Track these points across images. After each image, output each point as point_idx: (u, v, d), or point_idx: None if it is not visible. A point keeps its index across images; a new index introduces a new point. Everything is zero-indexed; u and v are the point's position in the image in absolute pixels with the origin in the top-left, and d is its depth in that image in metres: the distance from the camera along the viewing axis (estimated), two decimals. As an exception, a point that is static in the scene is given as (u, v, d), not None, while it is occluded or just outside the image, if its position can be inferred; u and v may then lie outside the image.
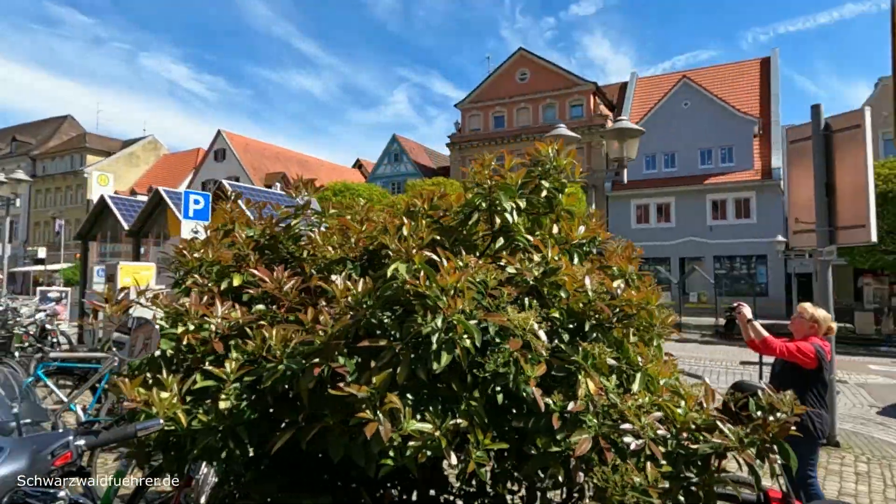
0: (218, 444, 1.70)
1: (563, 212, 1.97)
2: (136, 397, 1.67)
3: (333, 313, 1.61)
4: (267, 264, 2.20)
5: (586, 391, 1.56)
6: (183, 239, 2.57)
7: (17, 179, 16.18)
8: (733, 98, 34.80)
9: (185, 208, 8.47)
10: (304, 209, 2.38)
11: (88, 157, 51.08)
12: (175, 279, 2.46)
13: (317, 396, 1.60)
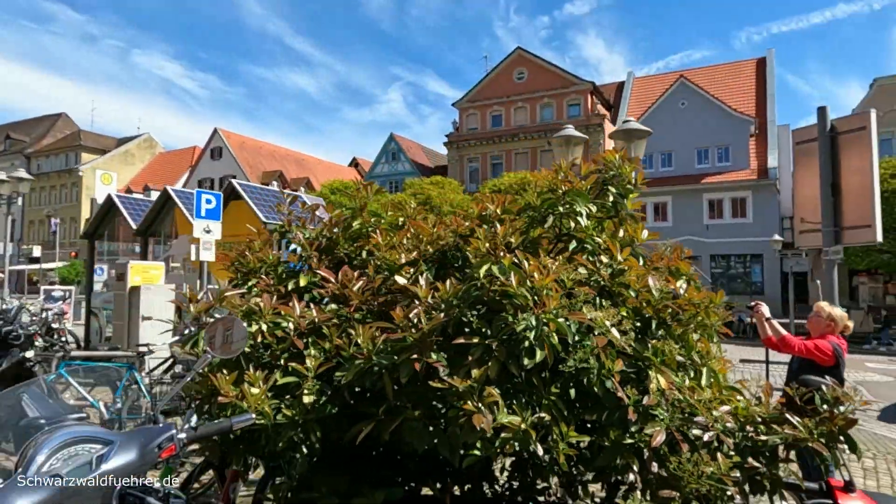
0: (300, 437, 1.78)
1: (626, 215, 2.06)
2: (228, 392, 1.74)
3: (416, 313, 1.69)
4: (326, 265, 2.28)
5: (658, 386, 1.65)
6: (251, 239, 2.63)
7: (18, 178, 16.16)
8: (729, 98, 35.05)
9: (198, 207, 8.52)
10: (362, 211, 2.45)
11: (83, 156, 50.81)
12: (235, 279, 2.53)
13: (401, 390, 1.68)
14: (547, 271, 1.62)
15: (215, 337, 1.71)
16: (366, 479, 2.18)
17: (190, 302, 2.16)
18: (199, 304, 2.04)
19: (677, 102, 34.34)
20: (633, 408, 1.64)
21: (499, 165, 38.89)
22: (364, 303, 2.03)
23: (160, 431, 1.58)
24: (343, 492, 2.11)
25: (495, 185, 30.82)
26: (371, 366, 1.69)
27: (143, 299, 9.24)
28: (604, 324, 1.64)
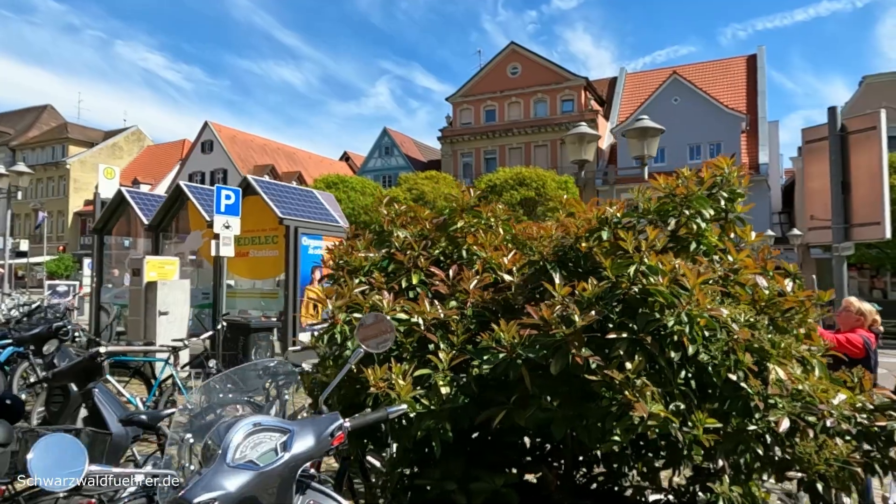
0: (437, 425, 1.90)
1: (735, 218, 2.19)
2: (380, 384, 1.85)
3: (558, 310, 1.81)
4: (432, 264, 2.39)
5: (777, 377, 1.79)
6: (347, 238, 2.72)
7: (17, 171, 15.98)
8: (721, 94, 35.47)
9: (217, 203, 8.54)
10: (463, 212, 2.55)
11: (70, 148, 50.10)
12: (336, 276, 2.62)
13: (540, 381, 1.80)
14: (697, 272, 1.75)
15: (367, 333, 1.81)
16: (477, 465, 2.30)
17: (327, 298, 2.25)
18: (338, 302, 2.13)
19: (670, 99, 34.70)
20: (758, 397, 1.77)
21: (492, 160, 39.01)
22: (481, 300, 2.15)
23: (330, 420, 1.68)
24: (458, 476, 2.23)
25: (490, 181, 30.96)
26: (513, 358, 1.80)
27: (160, 294, 9.25)
28: (740, 319, 1.78)
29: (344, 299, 2.11)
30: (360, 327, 1.81)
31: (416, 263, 2.35)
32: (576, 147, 9.63)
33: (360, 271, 2.48)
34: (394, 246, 2.50)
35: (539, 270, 2.14)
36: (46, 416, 4.69)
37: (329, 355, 2.18)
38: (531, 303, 1.98)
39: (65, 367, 3.65)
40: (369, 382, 1.86)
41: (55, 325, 4.65)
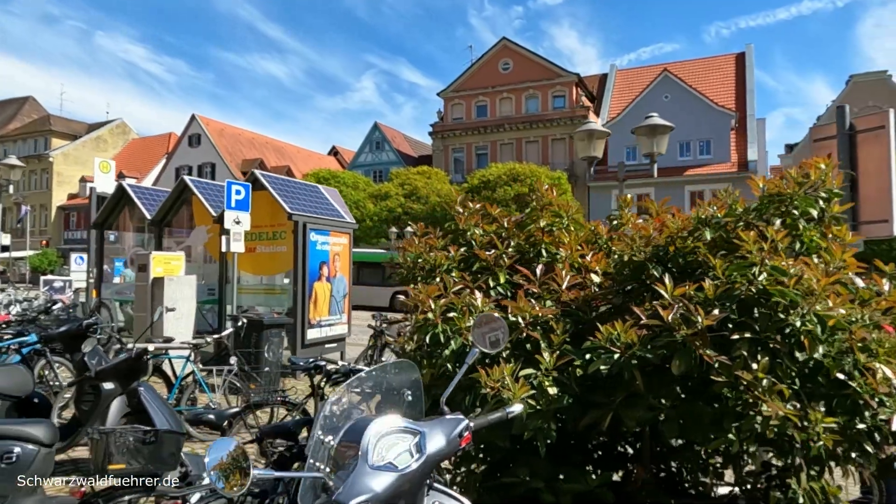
0: (543, 425, 1.90)
1: (831, 218, 2.21)
2: (494, 385, 1.84)
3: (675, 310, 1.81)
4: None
5: (884, 375, 1.81)
6: (414, 237, 2.70)
7: (10, 165, 15.66)
8: (710, 92, 35.82)
9: (228, 198, 8.44)
10: (542, 210, 2.55)
11: (53, 141, 49.16)
12: (410, 275, 2.60)
13: (652, 381, 1.81)
14: (825, 273, 1.77)
15: (482, 333, 1.79)
16: (563, 464, 2.30)
17: (429, 298, 2.23)
18: (441, 302, 2.11)
19: (661, 96, 34.96)
20: (868, 395, 1.80)
21: (483, 156, 39.03)
22: (572, 299, 2.15)
23: (457, 421, 1.67)
24: (545, 476, 2.23)
25: (483, 176, 31.00)
26: (627, 358, 1.81)
27: (167, 291, 9.12)
28: (857, 319, 1.80)
29: (445, 299, 2.09)
30: (475, 327, 1.80)
31: (499, 262, 2.34)
32: (585, 144, 9.66)
33: (439, 269, 2.46)
34: (474, 244, 2.49)
35: (634, 270, 2.14)
36: (76, 414, 4.61)
37: (423, 355, 2.16)
38: (630, 302, 1.98)
39: (109, 365, 3.58)
40: (481, 383, 1.86)
41: (86, 322, 4.56)
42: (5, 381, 4.11)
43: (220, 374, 5.89)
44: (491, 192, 30.04)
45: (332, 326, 10.00)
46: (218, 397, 5.98)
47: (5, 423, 3.42)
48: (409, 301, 2.19)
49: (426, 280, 2.50)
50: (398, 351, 2.71)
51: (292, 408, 4.41)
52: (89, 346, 3.95)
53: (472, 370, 2.02)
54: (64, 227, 48.89)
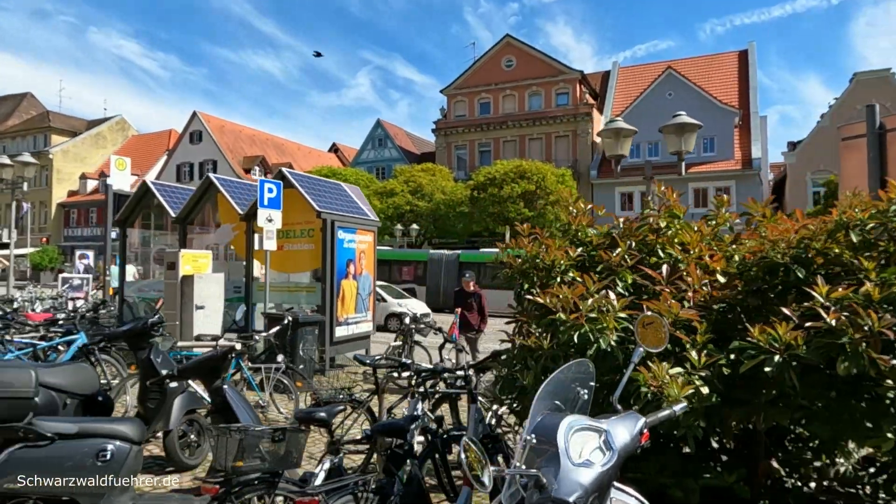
0: (695, 422, 1.94)
1: None
2: (655, 383, 1.89)
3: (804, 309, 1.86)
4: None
5: None
6: (519, 238, 2.72)
7: (23, 162, 15.59)
8: (713, 89, 35.94)
9: (261, 196, 8.45)
10: (658, 212, 2.59)
11: (53, 138, 48.87)
12: (518, 274, 2.63)
13: (802, 380, 1.86)
14: None
15: (646, 333, 1.83)
16: (688, 460, 2.34)
17: (578, 299, 2.26)
18: (588, 304, 2.14)
19: (664, 93, 35.05)
20: None
21: (486, 153, 39.04)
22: (702, 299, 2.19)
23: (635, 419, 1.71)
24: (676, 471, 2.28)
25: (489, 173, 30.98)
26: (786, 359, 1.85)
27: (197, 288, 9.14)
28: None
29: (592, 299, 2.13)
30: (638, 327, 1.84)
31: (621, 262, 2.38)
32: (612, 142, 9.68)
33: (557, 269, 2.50)
34: (591, 245, 2.53)
35: (765, 271, 2.18)
36: (140, 412, 4.63)
37: (559, 355, 2.20)
38: (768, 304, 2.03)
39: (192, 363, 3.61)
40: (642, 381, 1.90)
41: (150, 321, 4.58)
42: (74, 379, 4.12)
43: (268, 373, 5.92)
44: (497, 189, 30.04)
45: (358, 324, 10.04)
46: (266, 396, 6.01)
47: (97, 420, 3.44)
48: (549, 301, 2.21)
49: (546, 280, 2.53)
50: (507, 350, 2.75)
51: (358, 405, 4.45)
52: (168, 344, 3.96)
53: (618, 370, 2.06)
54: (64, 225, 48.66)
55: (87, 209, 47.77)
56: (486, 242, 31.59)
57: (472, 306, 8.75)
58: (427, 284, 26.03)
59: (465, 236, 32.79)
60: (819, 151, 31.79)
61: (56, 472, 3.12)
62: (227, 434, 2.39)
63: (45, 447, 3.11)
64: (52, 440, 3.11)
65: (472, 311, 8.70)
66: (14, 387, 3.02)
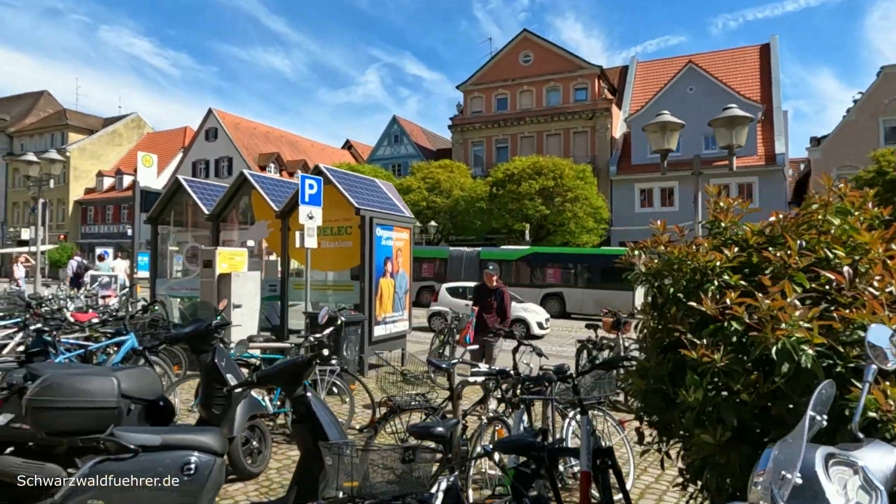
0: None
1: None
2: (889, 407, 1.64)
3: None
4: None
5: None
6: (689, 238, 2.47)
7: (50, 159, 15.50)
8: (735, 84, 35.40)
9: (302, 193, 8.24)
10: (825, 207, 2.32)
11: (70, 135, 49.09)
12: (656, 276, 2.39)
13: None
14: None
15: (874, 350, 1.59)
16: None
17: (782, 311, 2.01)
18: (796, 314, 1.88)
19: (685, 88, 34.55)
20: None
21: (503, 149, 38.71)
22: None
23: (886, 449, 1.46)
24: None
25: (507, 170, 30.68)
26: None
27: (234, 287, 8.97)
28: None
29: (800, 311, 1.87)
30: (869, 341, 1.59)
31: (791, 264, 2.13)
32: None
33: (712, 272, 2.25)
34: (747, 244, 2.28)
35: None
36: (203, 417, 4.43)
37: (737, 370, 1.95)
38: None
39: (273, 369, 3.38)
40: (871, 404, 1.65)
41: (214, 322, 4.38)
42: (139, 384, 3.91)
43: (322, 375, 5.70)
44: (515, 185, 29.74)
45: (395, 323, 9.83)
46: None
47: (178, 430, 3.24)
48: (761, 311, 1.95)
49: (700, 284, 2.28)
50: (639, 359, 2.52)
51: (432, 412, 4.22)
52: (243, 347, 3.74)
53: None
54: (81, 222, 48.89)
55: (103, 206, 47.96)
56: (503, 240, 31.30)
57: (492, 305, 7.47)
58: (447, 282, 25.80)
59: (482, 233, 32.52)
60: (845, 147, 31.21)
61: (140, 487, 2.92)
62: (349, 452, 2.16)
63: (129, 460, 2.90)
64: (136, 453, 2.90)
65: (491, 311, 7.45)
66: (97, 397, 2.81)
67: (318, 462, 3.30)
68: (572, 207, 29.53)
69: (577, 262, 24.57)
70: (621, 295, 21.34)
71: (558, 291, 23.75)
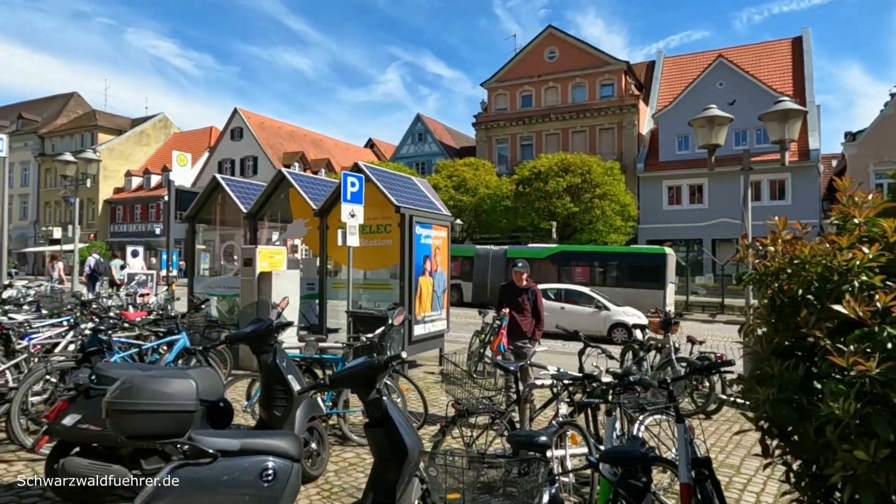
0: None
1: None
2: None
3: None
4: None
5: None
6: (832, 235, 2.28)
7: (86, 159, 15.69)
8: (766, 78, 34.63)
9: (344, 191, 8.17)
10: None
11: (100, 136, 49.97)
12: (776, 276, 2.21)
13: None
14: None
15: None
16: None
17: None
18: None
19: (715, 83, 33.90)
20: None
21: (528, 147, 38.40)
22: None
23: None
24: None
25: (534, 167, 30.39)
26: None
27: (275, 285, 8.92)
28: None
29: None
30: None
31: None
32: (705, 131, 9.11)
33: (851, 273, 2.07)
34: (887, 241, 2.09)
35: None
36: (263, 417, 4.35)
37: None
38: None
39: (346, 371, 3.26)
40: None
41: (276, 322, 4.29)
42: (202, 385, 3.84)
43: (374, 375, 5.58)
44: (542, 183, 29.44)
45: (433, 322, 9.71)
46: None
47: (255, 434, 3.15)
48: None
49: (835, 286, 2.11)
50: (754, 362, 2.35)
51: (499, 416, 4.08)
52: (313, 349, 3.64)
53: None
54: (110, 221, 49.75)
55: (132, 205, 48.73)
56: (529, 238, 31.01)
57: (525, 306, 6.68)
58: (473, 280, 25.64)
59: (507, 231, 32.28)
60: (883, 141, 30.33)
61: (219, 493, 2.83)
62: (461, 462, 2.02)
63: (208, 465, 2.81)
64: (215, 458, 2.81)
65: (525, 312, 6.68)
66: (176, 399, 2.72)
67: (395, 468, 3.18)
68: (600, 204, 29.14)
69: (607, 260, 24.23)
70: (651, 294, 21.03)
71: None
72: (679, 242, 32.44)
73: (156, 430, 2.69)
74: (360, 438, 5.53)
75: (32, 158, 52.96)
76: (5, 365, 5.49)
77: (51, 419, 3.87)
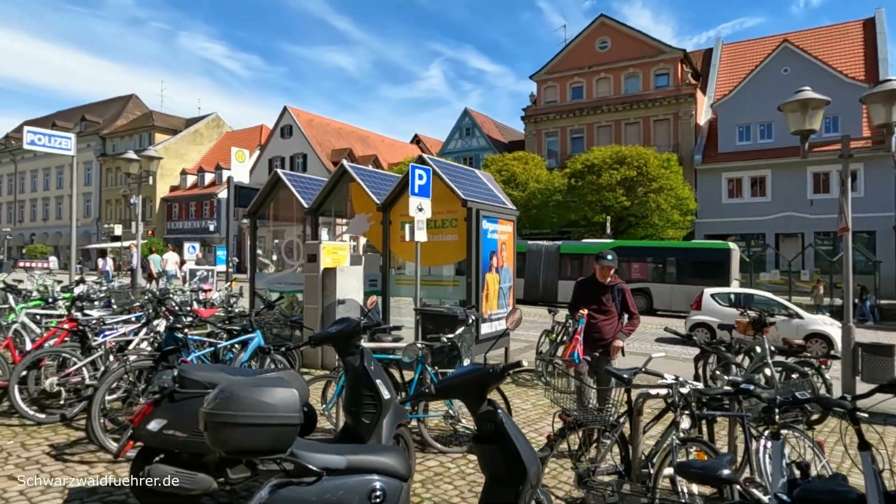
0: None
1: None
2: None
3: None
4: None
5: None
6: None
7: (149, 157, 15.99)
8: (837, 62, 32.69)
9: (412, 184, 7.87)
10: None
11: (156, 136, 51.62)
12: None
13: None
14: None
15: None
16: None
17: None
18: None
19: (779, 69, 32.15)
20: None
21: (579, 140, 37.46)
22: None
23: None
24: None
25: (587, 160, 29.55)
26: None
27: (339, 281, 8.73)
28: None
29: None
30: None
31: None
32: (797, 116, 8.41)
33: None
34: None
35: None
36: (349, 423, 4.07)
37: None
38: None
39: (454, 381, 2.93)
40: None
41: (363, 322, 4.01)
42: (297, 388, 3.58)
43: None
44: (595, 176, 28.61)
45: (500, 320, 9.33)
46: (457, 406, 5.38)
47: (361, 450, 2.84)
48: None
49: None
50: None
51: (611, 429, 3.67)
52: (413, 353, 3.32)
53: None
54: (167, 218, 51.37)
55: (187, 203, 50.16)
56: (580, 233, 30.20)
57: (609, 307, 5.67)
58: (525, 277, 25.06)
59: (558, 227, 31.55)
60: (968, 128, 28.11)
61: (325, 516, 2.54)
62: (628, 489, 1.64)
63: (313, 485, 2.51)
64: (320, 476, 2.51)
65: (609, 314, 5.65)
66: (281, 411, 2.43)
67: (511, 491, 2.84)
68: (656, 198, 28.10)
69: (666, 256, 23.31)
70: (713, 291, 20.07)
71: (644, 287, 22.58)
72: (741, 237, 31.04)
73: (258, 445, 2.40)
74: (441, 445, 5.22)
75: (95, 158, 55.20)
76: (82, 362, 5.42)
77: (135, 423, 3.69)
